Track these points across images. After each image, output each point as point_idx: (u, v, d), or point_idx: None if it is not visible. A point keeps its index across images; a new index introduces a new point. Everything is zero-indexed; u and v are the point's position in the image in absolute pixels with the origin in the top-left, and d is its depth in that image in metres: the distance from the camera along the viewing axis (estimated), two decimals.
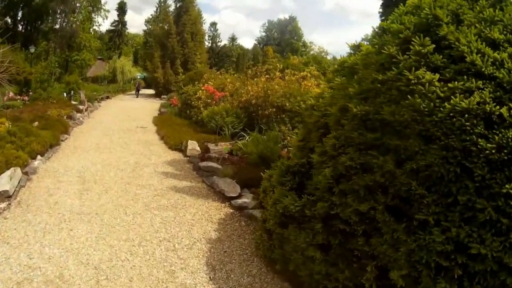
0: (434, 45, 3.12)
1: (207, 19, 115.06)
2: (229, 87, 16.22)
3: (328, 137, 3.66)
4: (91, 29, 39.89)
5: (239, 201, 6.76)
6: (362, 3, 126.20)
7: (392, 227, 2.98)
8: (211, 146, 11.10)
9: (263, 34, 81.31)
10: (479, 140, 2.68)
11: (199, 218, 6.08)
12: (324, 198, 3.59)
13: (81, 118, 17.25)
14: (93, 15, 39.45)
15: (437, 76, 2.98)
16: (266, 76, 15.10)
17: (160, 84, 36.87)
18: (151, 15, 61.97)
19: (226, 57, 66.60)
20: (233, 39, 75.10)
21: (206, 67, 35.49)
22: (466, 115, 2.75)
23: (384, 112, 3.11)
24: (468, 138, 2.71)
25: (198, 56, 38.55)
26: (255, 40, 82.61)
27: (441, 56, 3.14)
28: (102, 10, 40.89)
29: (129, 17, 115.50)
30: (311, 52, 76.10)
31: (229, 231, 5.70)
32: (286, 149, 10.31)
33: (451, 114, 2.79)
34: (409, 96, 2.95)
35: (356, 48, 4.18)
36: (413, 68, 3.03)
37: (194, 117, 15.97)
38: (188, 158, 10.42)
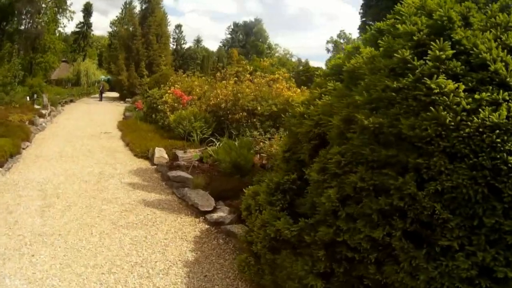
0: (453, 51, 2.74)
1: (172, 21, 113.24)
2: (197, 90, 15.57)
3: (330, 153, 3.19)
4: (56, 31, 38.16)
5: (215, 215, 6.23)
6: (325, 7, 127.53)
7: (411, 254, 2.63)
8: (180, 153, 10.48)
9: (228, 36, 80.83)
10: (509, 157, 2.40)
11: (173, 236, 5.51)
12: (327, 222, 3.14)
13: (43, 124, 16.20)
14: (58, 16, 37.72)
15: (462, 86, 2.61)
16: (235, 78, 14.60)
17: (124, 87, 35.77)
18: (117, 16, 60.40)
19: (191, 59, 65.61)
20: (198, 41, 74.24)
21: (171, 70, 34.65)
22: (497, 131, 2.44)
23: (402, 125, 2.69)
24: (498, 156, 2.42)
25: (163, 58, 37.70)
26: (220, 42, 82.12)
27: (459, 63, 2.77)
28: (67, 11, 39.21)
29: (94, 19, 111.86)
30: (276, 55, 76.24)
31: (207, 250, 5.17)
32: (258, 155, 9.89)
33: (480, 130, 2.47)
34: (431, 108, 2.57)
35: (355, 50, 3.75)
36: (435, 75, 2.64)
37: (161, 121, 15.23)
38: (155, 166, 9.79)
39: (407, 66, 2.81)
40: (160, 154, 10.37)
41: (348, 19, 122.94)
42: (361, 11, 30.18)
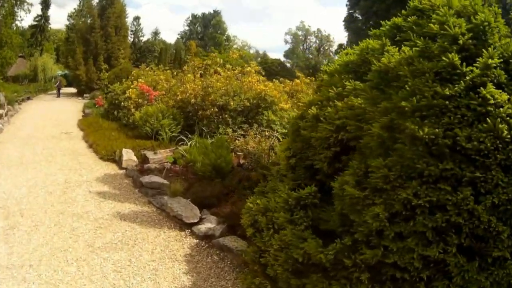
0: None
1: (130, 13, 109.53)
2: (164, 85, 14.75)
3: (373, 165, 2.79)
4: (13, 24, 35.80)
5: (203, 227, 5.70)
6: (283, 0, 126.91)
7: (464, 268, 2.53)
8: (150, 154, 9.80)
9: (186, 28, 79.12)
10: None
11: (160, 257, 4.93)
12: (370, 243, 2.77)
13: (0, 125, 14.96)
14: (15, 9, 35.39)
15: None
16: (200, 72, 13.94)
17: (82, 82, 34.02)
18: (75, 9, 57.52)
19: (148, 52, 63.94)
20: (155, 33, 72.33)
21: (129, 63, 33.38)
22: None
23: (459, 137, 2.43)
24: None
25: (122, 51, 36.13)
26: (178, 34, 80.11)
27: (502, 71, 2.44)
28: (25, 4, 36.89)
29: (52, 11, 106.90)
30: (234, 46, 75.37)
31: (203, 271, 4.63)
32: (234, 154, 9.41)
33: None
34: (488, 120, 2.41)
35: (381, 47, 3.26)
36: (486, 84, 2.30)
37: (125, 119, 14.34)
38: (124, 171, 9.11)
39: (455, 72, 2.50)
40: (129, 156, 9.69)
41: (307, 11, 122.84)
42: (348, 3, 30.33)
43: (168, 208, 6.29)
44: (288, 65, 68.08)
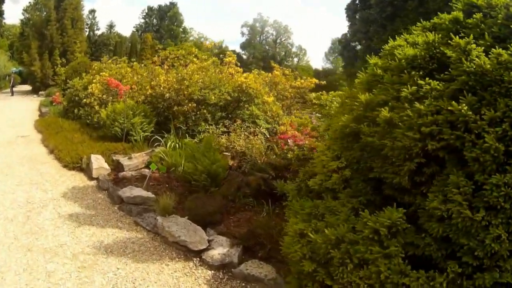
0: None
1: (86, 7, 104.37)
2: (134, 78, 12.98)
3: (493, 183, 2.43)
4: None
5: (215, 254, 4.46)
6: None
7: None
8: (124, 160, 8.31)
9: (142, 21, 75.95)
10: None
11: None
12: (484, 265, 2.46)
13: None
14: None
15: None
16: (169, 64, 12.43)
17: (37, 79, 31.40)
18: (30, 2, 53.53)
19: (104, 46, 60.77)
20: (111, 26, 68.81)
21: (86, 57, 31.09)
22: None
23: None
24: None
25: (78, 45, 33.61)
26: (134, 27, 76.61)
27: None
28: None
29: (6, 6, 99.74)
30: (191, 38, 73.40)
31: None
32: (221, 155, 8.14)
33: None
34: None
35: (465, 44, 2.81)
36: None
37: (87, 118, 12.57)
38: (96, 182, 7.62)
39: None
40: (99, 163, 8.15)
41: (263, 3, 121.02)
42: None
43: (166, 232, 4.95)
44: (244, 57, 66.92)
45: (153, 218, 5.50)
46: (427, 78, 2.86)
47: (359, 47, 30.56)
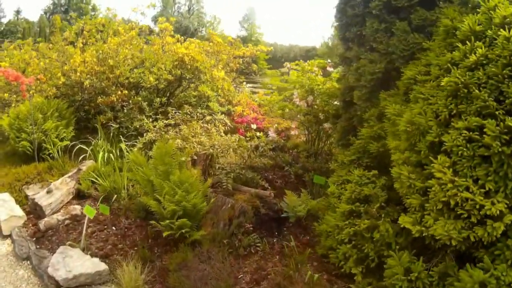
0: None
1: None
2: (41, 64, 8.85)
3: None
4: None
5: None
6: None
7: None
8: (41, 197, 5.17)
9: (50, 2, 68.49)
10: None
11: None
12: None
13: None
14: None
15: None
16: (84, 42, 9.09)
17: None
18: None
19: (11, 34, 54.36)
20: (18, 12, 61.76)
21: None
22: None
23: None
24: None
25: None
26: (42, 10, 69.03)
27: None
28: None
29: None
30: (100, 15, 67.51)
31: None
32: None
33: None
34: None
35: None
36: None
37: None
38: (10, 242, 4.63)
39: None
40: (9, 210, 4.98)
41: None
42: None
43: None
44: (156, 29, 62.85)
45: None
46: None
47: None
